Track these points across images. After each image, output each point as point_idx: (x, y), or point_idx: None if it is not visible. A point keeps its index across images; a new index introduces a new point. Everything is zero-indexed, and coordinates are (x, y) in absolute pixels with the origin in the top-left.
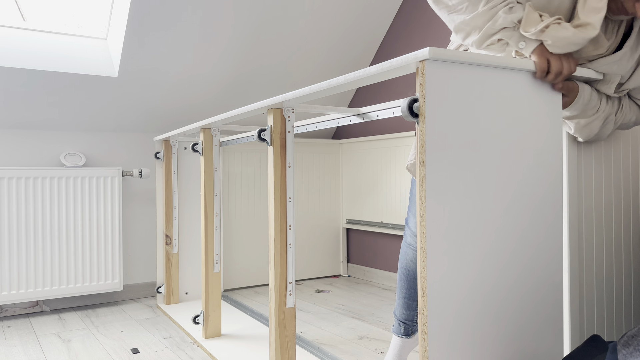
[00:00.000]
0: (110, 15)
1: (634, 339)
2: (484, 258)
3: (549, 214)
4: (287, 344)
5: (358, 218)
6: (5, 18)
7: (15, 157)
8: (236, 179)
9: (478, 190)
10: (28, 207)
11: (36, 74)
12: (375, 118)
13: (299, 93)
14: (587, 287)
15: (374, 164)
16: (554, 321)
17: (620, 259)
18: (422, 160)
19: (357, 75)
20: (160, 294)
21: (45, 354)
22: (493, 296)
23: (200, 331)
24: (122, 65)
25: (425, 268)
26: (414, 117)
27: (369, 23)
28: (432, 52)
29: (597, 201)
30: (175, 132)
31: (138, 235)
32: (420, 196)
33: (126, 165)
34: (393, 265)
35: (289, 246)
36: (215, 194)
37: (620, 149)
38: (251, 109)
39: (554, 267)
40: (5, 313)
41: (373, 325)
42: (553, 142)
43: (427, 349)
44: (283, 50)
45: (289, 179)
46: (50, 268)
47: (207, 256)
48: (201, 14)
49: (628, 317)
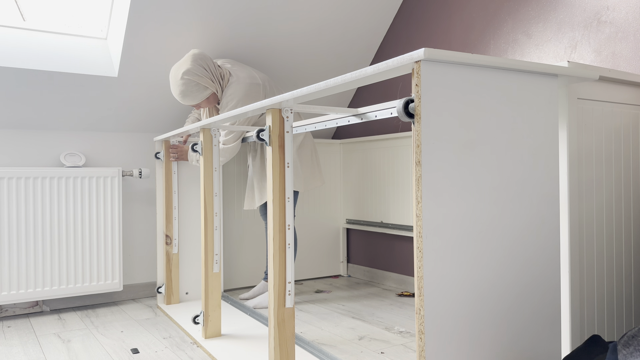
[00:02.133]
0: (110, 15)
1: (634, 339)
2: (480, 258)
3: (546, 214)
4: (286, 344)
5: (358, 218)
6: (5, 18)
7: (15, 157)
8: (236, 178)
9: (474, 190)
10: (28, 207)
11: (36, 74)
12: (373, 118)
13: (297, 93)
14: (587, 287)
15: (373, 164)
16: (552, 321)
17: (620, 259)
18: (418, 160)
19: (355, 76)
20: (160, 294)
21: (45, 354)
22: (490, 296)
23: (200, 331)
24: (122, 65)
25: (421, 268)
26: (410, 117)
27: (369, 23)
28: (428, 52)
29: (597, 201)
30: (175, 132)
31: (138, 235)
32: (416, 196)
33: (126, 165)
34: (393, 265)
35: (288, 246)
36: (215, 194)
37: (620, 149)
38: (251, 109)
39: (551, 267)
40: (5, 313)
41: (373, 325)
42: (549, 142)
43: (424, 348)
44: (283, 51)
45: (287, 179)
46: (50, 268)
47: (207, 256)
48: (201, 13)
49: (628, 317)
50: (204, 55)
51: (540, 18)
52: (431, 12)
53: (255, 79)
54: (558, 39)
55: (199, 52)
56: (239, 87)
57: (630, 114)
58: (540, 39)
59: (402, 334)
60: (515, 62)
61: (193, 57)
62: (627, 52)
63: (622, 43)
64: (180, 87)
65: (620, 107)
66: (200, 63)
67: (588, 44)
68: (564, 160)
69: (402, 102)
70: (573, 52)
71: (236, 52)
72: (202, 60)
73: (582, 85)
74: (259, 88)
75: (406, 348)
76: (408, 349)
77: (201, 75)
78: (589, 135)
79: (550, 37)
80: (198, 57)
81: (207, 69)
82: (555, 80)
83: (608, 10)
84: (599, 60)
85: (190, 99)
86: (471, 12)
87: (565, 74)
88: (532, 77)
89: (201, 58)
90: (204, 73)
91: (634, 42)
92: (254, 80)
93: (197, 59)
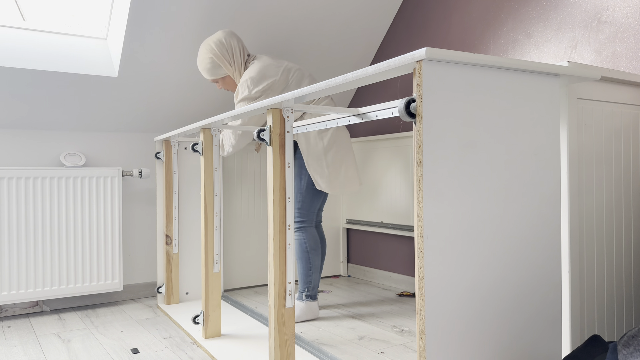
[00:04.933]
0: (110, 15)
1: (634, 339)
2: (481, 258)
3: (547, 214)
4: (286, 344)
5: (358, 218)
6: (5, 18)
7: (15, 157)
8: (236, 178)
9: (476, 190)
10: (28, 207)
11: (36, 74)
12: (374, 118)
13: (297, 93)
14: (587, 287)
15: (374, 163)
16: (553, 321)
17: (620, 259)
18: (419, 160)
19: (355, 76)
20: (160, 294)
21: (45, 354)
22: (491, 296)
23: (200, 331)
24: (122, 65)
25: (422, 268)
26: (411, 117)
27: (369, 23)
28: (429, 52)
29: (598, 201)
30: (175, 132)
31: (138, 235)
32: (417, 196)
33: (126, 165)
34: (393, 265)
35: (288, 246)
36: (215, 194)
37: (620, 149)
38: (251, 109)
39: (552, 267)
40: (5, 313)
41: (373, 325)
42: (550, 142)
43: (424, 348)
44: (283, 51)
45: (288, 179)
46: (50, 268)
47: (207, 256)
48: (201, 13)
49: (628, 317)
50: (231, 36)
51: (540, 18)
52: (431, 12)
53: (281, 63)
54: (558, 39)
55: (229, 31)
56: (257, 65)
57: (631, 114)
58: (540, 39)
59: (402, 334)
60: (516, 62)
61: (220, 34)
62: (627, 52)
63: (622, 43)
64: (199, 57)
65: (620, 107)
66: (224, 43)
67: (588, 44)
68: (565, 160)
69: (404, 102)
70: (573, 52)
71: None
72: (228, 41)
73: (583, 85)
74: (279, 70)
75: (406, 348)
76: (408, 349)
77: (220, 55)
78: (589, 135)
79: (550, 37)
80: (225, 36)
81: (228, 51)
82: (557, 80)
83: (608, 10)
84: (599, 60)
85: (208, 69)
86: (471, 12)
87: (567, 73)
88: (533, 76)
89: (226, 38)
90: (223, 54)
91: (634, 42)
92: (280, 63)
93: (224, 36)
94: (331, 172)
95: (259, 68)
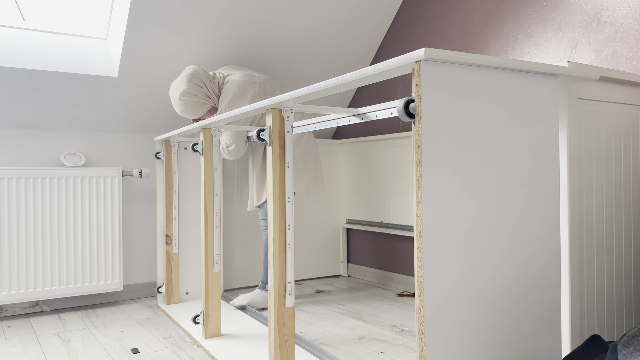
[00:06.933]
0: (110, 15)
1: (634, 339)
2: (481, 258)
3: (546, 214)
4: (286, 344)
5: (358, 218)
6: (5, 18)
7: (15, 157)
8: (236, 178)
9: (475, 190)
10: (28, 207)
11: (36, 74)
12: (373, 118)
13: (297, 93)
14: (587, 287)
15: (373, 164)
16: (552, 321)
17: (620, 259)
18: (419, 160)
19: (355, 76)
20: (160, 294)
21: (45, 354)
22: (490, 296)
23: (200, 331)
24: (122, 65)
25: (422, 268)
26: (410, 117)
27: (369, 23)
28: (428, 52)
29: (597, 201)
30: (175, 132)
31: (138, 235)
32: (416, 196)
33: (126, 165)
34: (393, 265)
35: (288, 246)
36: (215, 194)
37: (620, 149)
38: (251, 109)
39: (551, 267)
40: (5, 313)
41: (373, 325)
42: (550, 142)
43: (424, 348)
44: (283, 51)
45: (288, 179)
46: (50, 268)
47: (207, 256)
48: (201, 14)
49: (628, 317)
50: (198, 72)
51: (540, 18)
52: (431, 12)
53: (251, 77)
54: (558, 39)
55: (193, 70)
56: (232, 84)
57: (630, 114)
58: (540, 39)
59: (402, 334)
60: (516, 62)
61: (187, 77)
62: (627, 52)
63: (622, 43)
64: (180, 107)
65: (620, 107)
66: (196, 82)
67: (588, 44)
68: (564, 160)
69: (403, 102)
70: (573, 52)
71: (236, 51)
72: (197, 79)
73: (582, 85)
74: (255, 85)
75: (406, 348)
76: (408, 349)
77: (197, 93)
78: (589, 135)
79: (550, 37)
80: (192, 76)
81: (203, 86)
82: (556, 80)
83: (608, 10)
84: (599, 60)
85: (192, 115)
86: (471, 12)
87: (566, 74)
88: (532, 77)
89: (195, 76)
90: (199, 91)
91: (634, 42)
92: (250, 78)
93: (191, 78)
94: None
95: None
